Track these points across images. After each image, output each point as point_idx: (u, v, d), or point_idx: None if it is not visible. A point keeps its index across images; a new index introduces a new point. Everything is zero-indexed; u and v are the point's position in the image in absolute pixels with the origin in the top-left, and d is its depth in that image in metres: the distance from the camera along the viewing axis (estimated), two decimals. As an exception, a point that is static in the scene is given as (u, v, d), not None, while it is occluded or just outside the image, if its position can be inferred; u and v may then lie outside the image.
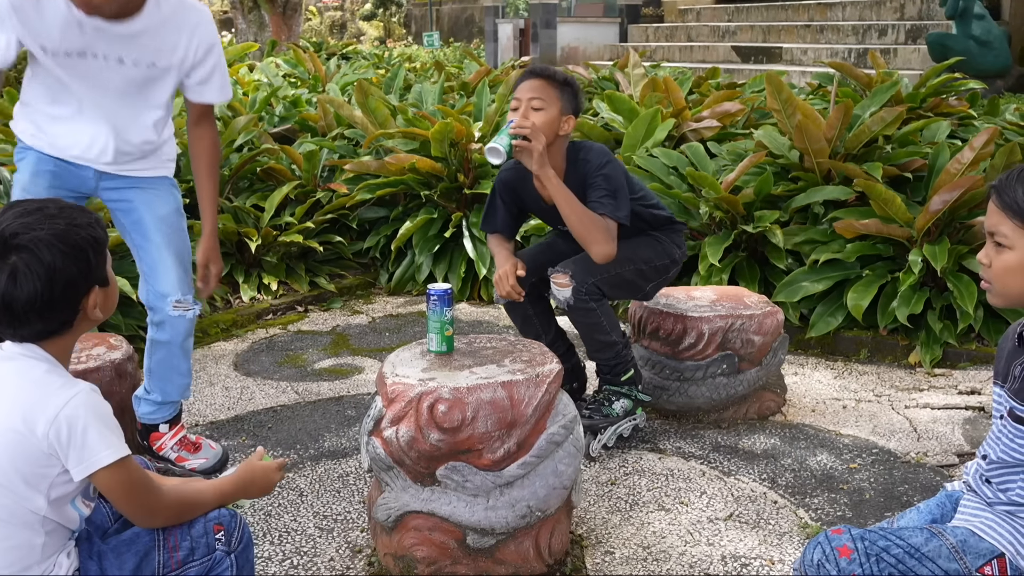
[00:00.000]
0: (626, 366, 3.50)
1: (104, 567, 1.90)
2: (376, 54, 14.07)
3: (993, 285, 1.85)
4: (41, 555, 1.81)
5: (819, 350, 4.60)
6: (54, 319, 1.81)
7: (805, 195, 4.88)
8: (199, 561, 1.94)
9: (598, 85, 7.92)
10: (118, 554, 1.91)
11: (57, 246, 1.77)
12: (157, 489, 1.90)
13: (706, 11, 15.04)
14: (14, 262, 1.74)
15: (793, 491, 3.21)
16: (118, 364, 3.33)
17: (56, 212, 1.82)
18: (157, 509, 1.90)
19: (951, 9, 9.56)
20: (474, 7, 22.65)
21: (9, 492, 1.75)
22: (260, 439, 3.66)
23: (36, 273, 1.75)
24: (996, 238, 1.82)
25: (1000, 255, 1.82)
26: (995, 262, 1.83)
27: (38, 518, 1.78)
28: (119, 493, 1.83)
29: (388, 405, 2.52)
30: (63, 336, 1.85)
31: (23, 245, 1.75)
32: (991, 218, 1.83)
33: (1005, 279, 1.82)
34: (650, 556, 2.81)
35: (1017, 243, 1.79)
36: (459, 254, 5.56)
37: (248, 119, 6.16)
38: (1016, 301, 1.84)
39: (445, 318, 2.71)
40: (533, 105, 3.19)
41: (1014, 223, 1.78)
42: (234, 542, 1.99)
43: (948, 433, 3.66)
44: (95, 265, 1.84)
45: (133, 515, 1.88)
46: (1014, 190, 1.78)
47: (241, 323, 5.07)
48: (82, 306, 1.83)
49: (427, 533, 2.56)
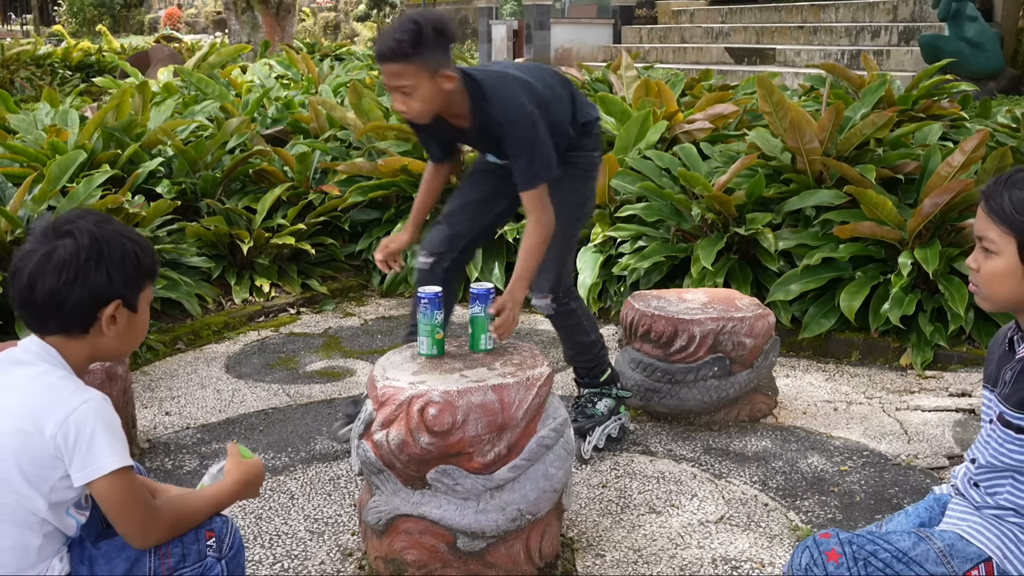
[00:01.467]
0: (603, 367, 3.55)
1: (95, 571, 1.89)
2: (370, 55, 14.06)
3: (981, 289, 1.86)
4: (36, 557, 1.80)
5: (811, 352, 4.60)
6: (69, 316, 1.81)
7: (799, 198, 4.89)
8: (190, 567, 1.93)
9: (591, 87, 7.91)
10: (108, 559, 1.90)
11: (99, 243, 1.81)
12: (154, 508, 1.88)
13: (699, 12, 15.05)
14: (55, 245, 1.79)
15: (784, 493, 3.21)
16: (108, 367, 3.32)
17: (120, 223, 1.87)
18: (152, 528, 1.87)
19: (943, 11, 9.58)
20: (468, 8, 22.65)
21: (11, 491, 1.75)
22: (251, 442, 3.66)
23: (72, 260, 1.78)
24: (984, 243, 1.83)
25: (988, 260, 1.83)
26: (983, 267, 1.84)
27: (37, 519, 1.78)
28: (117, 504, 1.81)
29: (378, 408, 2.52)
30: (77, 340, 1.85)
31: (70, 231, 1.80)
32: (979, 224, 1.84)
33: (992, 284, 1.84)
34: (641, 559, 2.81)
35: (1004, 249, 1.80)
36: (452, 256, 5.55)
37: (240, 121, 6.16)
38: (1003, 305, 1.85)
39: (435, 321, 2.71)
40: (403, 91, 2.83)
41: (1001, 229, 1.79)
42: (225, 548, 1.99)
43: (939, 435, 3.66)
44: (129, 281, 1.85)
45: (128, 530, 1.85)
46: (1001, 196, 1.79)
47: (233, 325, 5.06)
48: (100, 315, 1.83)
49: (417, 536, 2.56)
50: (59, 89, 12.40)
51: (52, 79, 13.05)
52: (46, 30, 30.30)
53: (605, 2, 16.76)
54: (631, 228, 5.07)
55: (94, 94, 10.50)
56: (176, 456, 3.53)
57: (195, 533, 1.95)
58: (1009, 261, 1.80)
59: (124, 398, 3.41)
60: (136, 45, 15.59)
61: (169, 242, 5.15)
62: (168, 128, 5.97)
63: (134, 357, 4.44)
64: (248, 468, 2.07)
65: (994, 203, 1.80)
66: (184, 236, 5.35)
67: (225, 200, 5.78)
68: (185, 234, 5.36)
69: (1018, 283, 1.81)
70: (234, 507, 3.09)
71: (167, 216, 5.22)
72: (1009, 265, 1.80)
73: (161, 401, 4.08)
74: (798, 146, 4.90)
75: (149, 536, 1.88)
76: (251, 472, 2.06)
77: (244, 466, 2.07)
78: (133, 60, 12.58)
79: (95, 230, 1.82)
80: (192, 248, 5.27)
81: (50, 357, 1.82)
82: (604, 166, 5.21)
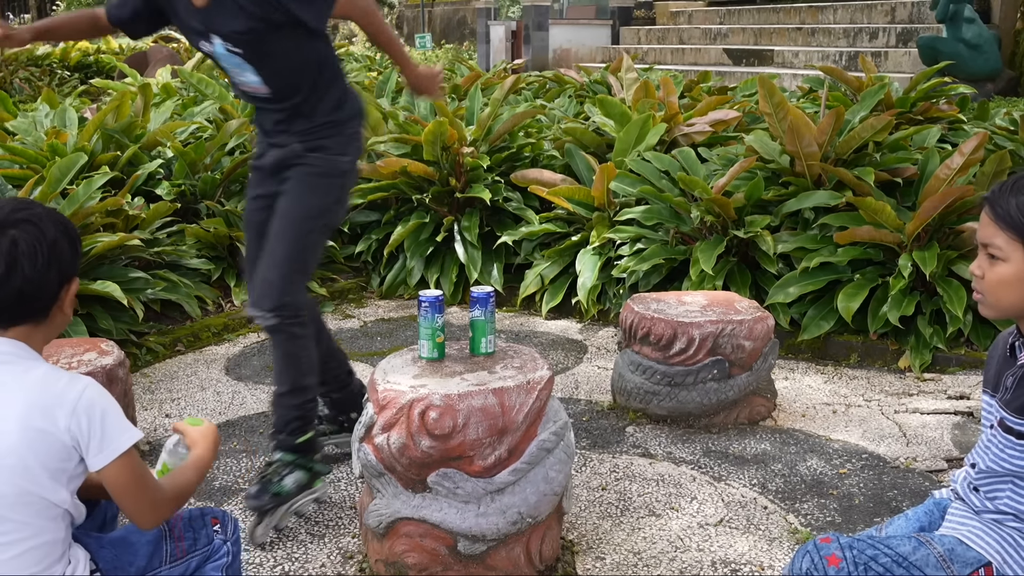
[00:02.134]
0: (307, 425, 3.02)
1: (120, 559, 1.95)
2: (369, 56, 14.07)
3: (986, 297, 1.84)
4: (62, 549, 1.84)
5: (810, 355, 4.61)
6: (44, 301, 1.84)
7: (796, 200, 4.90)
8: (201, 550, 2.06)
9: (590, 89, 7.92)
10: (128, 545, 1.98)
11: (59, 223, 1.85)
12: (158, 484, 1.92)
13: (698, 13, 15.07)
14: (14, 235, 1.79)
15: (783, 496, 3.22)
16: (109, 369, 3.33)
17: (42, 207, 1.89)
18: (160, 503, 1.90)
19: (941, 13, 9.60)
20: (466, 9, 22.65)
21: (39, 488, 1.77)
22: (251, 444, 3.66)
23: (40, 246, 1.80)
24: (990, 250, 1.80)
25: (994, 267, 1.81)
26: (988, 274, 1.81)
27: (61, 511, 1.81)
28: (129, 482, 1.83)
29: (379, 412, 2.52)
30: (40, 327, 1.87)
31: (25, 219, 1.81)
32: (984, 230, 1.81)
33: (998, 291, 1.81)
34: (640, 561, 2.82)
35: (1012, 255, 1.78)
36: (451, 258, 5.57)
37: (240, 122, 6.16)
38: (1008, 312, 1.84)
39: (436, 325, 2.72)
40: None
41: (1008, 235, 1.77)
42: (228, 532, 2.11)
43: (937, 438, 3.67)
44: (78, 255, 1.91)
45: (139, 508, 1.86)
46: (1007, 202, 1.77)
47: (233, 327, 5.06)
48: (63, 294, 1.86)
49: (418, 539, 2.56)
50: (58, 90, 12.40)
51: (51, 79, 13.05)
52: (44, 30, 30.20)
53: (603, 3, 16.78)
54: (630, 230, 5.08)
55: (93, 95, 10.50)
56: (176, 458, 3.53)
57: (202, 519, 2.10)
58: (1017, 267, 1.78)
59: (124, 400, 3.41)
60: (135, 45, 15.57)
61: (169, 244, 5.16)
62: (168, 130, 5.97)
63: (134, 359, 4.45)
64: (210, 432, 2.09)
65: (1000, 209, 1.78)
66: (184, 238, 5.36)
67: (225, 202, 5.77)
68: (185, 236, 5.36)
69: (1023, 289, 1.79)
70: (234, 510, 3.10)
71: (167, 218, 5.23)
72: (1017, 271, 1.78)
73: (161, 403, 4.08)
74: (797, 150, 4.91)
75: (159, 512, 1.90)
76: (214, 436, 2.09)
77: (206, 432, 2.08)
78: (132, 60, 12.57)
79: (42, 212, 1.85)
80: (192, 250, 5.28)
81: (24, 351, 1.84)
82: (602, 171, 5.23)
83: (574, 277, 5.21)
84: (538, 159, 6.10)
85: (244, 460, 3.53)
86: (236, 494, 3.25)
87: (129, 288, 4.53)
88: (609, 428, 3.80)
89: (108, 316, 4.42)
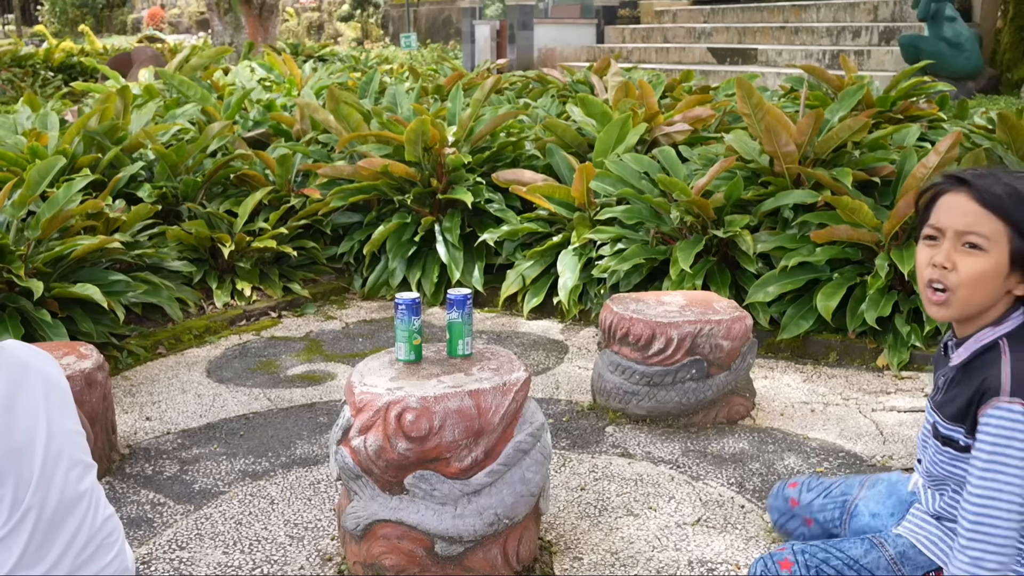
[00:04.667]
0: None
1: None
2: (353, 56, 14.07)
3: (955, 293, 1.66)
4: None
5: (789, 354, 4.64)
6: None
7: (774, 199, 4.92)
8: None
9: (572, 88, 7.94)
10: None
11: None
12: None
13: (682, 13, 15.10)
14: None
15: (760, 495, 3.24)
16: (88, 373, 3.33)
17: None
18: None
19: (923, 11, 9.66)
20: (451, 8, 22.65)
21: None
22: (232, 447, 3.67)
23: None
24: (969, 239, 1.63)
25: (969, 258, 1.62)
26: (962, 267, 1.63)
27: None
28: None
29: (356, 414, 2.54)
30: None
31: None
32: (965, 217, 1.62)
33: (974, 287, 1.63)
34: (618, 561, 2.84)
35: (994, 245, 1.61)
36: (432, 259, 5.58)
37: (223, 125, 6.16)
38: (971, 312, 1.68)
39: (413, 327, 2.73)
40: None
41: (996, 220, 1.60)
42: None
43: (913, 436, 3.70)
44: None
45: None
46: (992, 186, 1.61)
47: (214, 329, 5.06)
48: None
49: (396, 541, 2.58)
50: (40, 91, 12.36)
51: (34, 80, 13.00)
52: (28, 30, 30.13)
53: (588, 2, 16.79)
54: (611, 231, 5.10)
55: (76, 96, 10.46)
56: (156, 462, 3.54)
57: None
58: (998, 259, 1.61)
59: (104, 404, 3.41)
60: (119, 46, 15.51)
61: (150, 246, 5.15)
62: (149, 132, 5.96)
63: (115, 362, 4.45)
64: None
65: (987, 193, 1.61)
66: (165, 240, 5.35)
67: (206, 204, 5.78)
68: (166, 238, 5.36)
69: (998, 286, 1.63)
70: (213, 513, 3.11)
71: (148, 220, 5.22)
72: (997, 264, 1.61)
73: (142, 406, 4.08)
74: (775, 150, 4.94)
75: None
76: None
77: None
78: (115, 61, 12.52)
79: None
80: (173, 252, 5.27)
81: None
82: (581, 171, 5.24)
83: (555, 277, 5.22)
84: (519, 159, 6.11)
85: (224, 463, 3.53)
86: (216, 497, 3.26)
87: (110, 291, 4.52)
88: (589, 428, 3.82)
89: (88, 319, 4.41)
